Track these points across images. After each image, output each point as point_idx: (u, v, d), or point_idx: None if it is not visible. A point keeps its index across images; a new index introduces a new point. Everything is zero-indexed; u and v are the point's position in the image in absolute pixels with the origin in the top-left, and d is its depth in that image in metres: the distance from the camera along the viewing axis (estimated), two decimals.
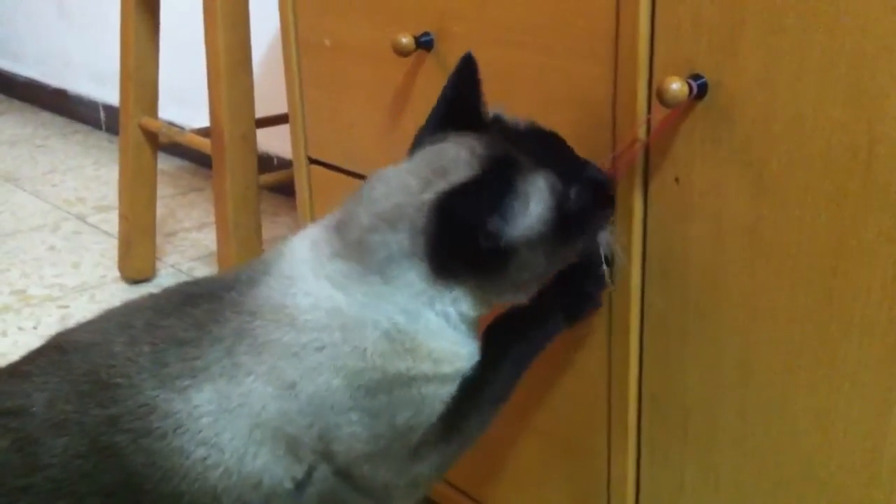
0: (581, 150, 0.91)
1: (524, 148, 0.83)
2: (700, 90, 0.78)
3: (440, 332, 0.83)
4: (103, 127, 3.40)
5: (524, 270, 0.83)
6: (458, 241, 0.79)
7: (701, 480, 0.90)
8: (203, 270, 2.16)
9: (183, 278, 2.12)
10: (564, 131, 0.92)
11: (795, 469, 0.81)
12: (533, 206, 0.81)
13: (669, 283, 0.86)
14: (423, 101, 1.08)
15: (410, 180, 0.83)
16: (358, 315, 0.81)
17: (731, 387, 0.84)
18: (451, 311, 0.83)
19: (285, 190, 2.26)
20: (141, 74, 1.97)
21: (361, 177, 1.21)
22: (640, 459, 0.95)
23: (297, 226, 2.26)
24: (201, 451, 0.78)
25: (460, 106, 0.88)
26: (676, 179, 0.83)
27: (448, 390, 0.84)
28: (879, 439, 0.74)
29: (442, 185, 0.80)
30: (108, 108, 3.32)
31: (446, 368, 0.83)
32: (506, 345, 0.88)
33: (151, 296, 0.88)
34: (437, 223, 0.79)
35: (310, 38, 1.24)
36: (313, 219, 1.35)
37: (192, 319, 0.82)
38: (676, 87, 0.76)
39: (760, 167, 0.76)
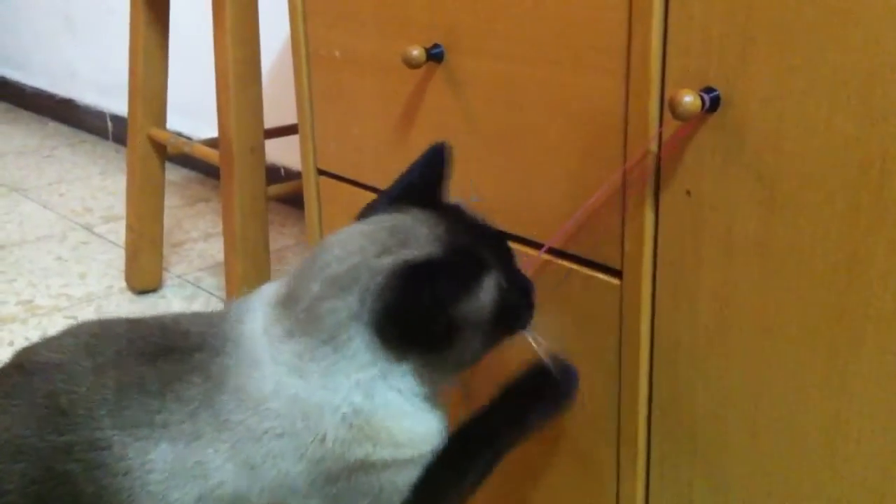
0: (592, 164, 0.91)
1: (480, 242, 0.85)
2: (712, 103, 0.78)
3: (398, 411, 0.81)
4: (111, 137, 3.40)
5: (465, 353, 0.84)
6: (413, 314, 0.78)
7: (710, 496, 0.89)
8: (209, 281, 2.16)
9: (190, 289, 2.12)
10: (575, 145, 0.92)
11: (805, 486, 0.81)
12: (483, 296, 0.82)
13: (680, 295, 0.86)
14: (433, 113, 1.09)
15: (367, 244, 0.82)
16: (317, 401, 0.79)
17: (741, 402, 0.84)
18: (403, 387, 0.81)
19: (293, 201, 2.27)
20: (149, 85, 1.97)
21: (370, 188, 1.22)
22: (649, 474, 0.95)
23: (304, 237, 2.26)
24: (147, 502, 0.77)
25: (420, 189, 0.90)
26: (688, 192, 0.83)
27: (408, 476, 0.83)
28: (890, 457, 0.74)
29: (403, 254, 0.80)
30: (116, 119, 3.33)
31: (407, 453, 0.82)
32: (472, 450, 0.87)
33: (130, 322, 0.86)
34: (397, 291, 0.78)
35: (320, 49, 1.25)
36: (322, 229, 1.35)
37: (159, 373, 0.80)
38: (689, 99, 0.76)
39: (772, 182, 0.76)
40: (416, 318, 0.78)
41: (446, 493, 0.86)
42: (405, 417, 0.82)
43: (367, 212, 0.90)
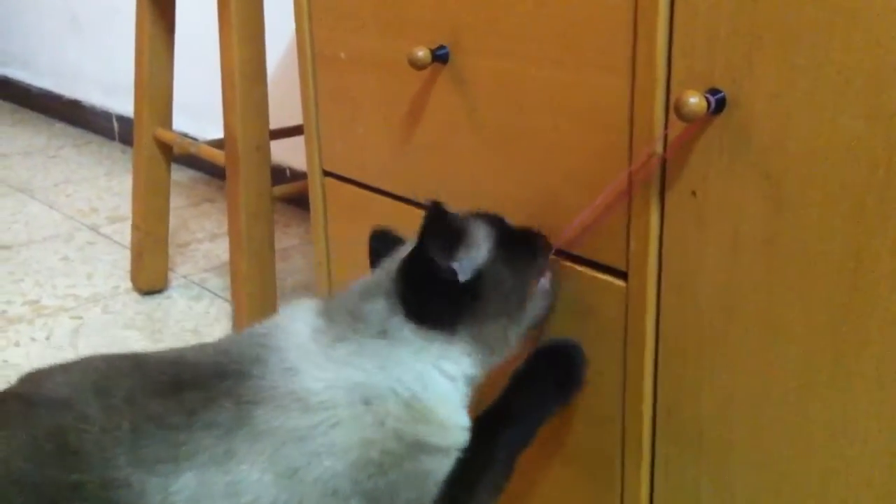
0: (597, 165, 0.91)
1: (464, 217, 0.93)
2: (718, 105, 0.77)
3: (448, 398, 0.86)
4: (117, 137, 3.41)
5: (495, 301, 0.88)
6: (422, 285, 0.85)
7: (715, 497, 0.89)
8: (215, 282, 2.17)
9: (195, 290, 2.13)
10: (579, 145, 0.92)
11: (811, 487, 0.81)
12: (481, 242, 0.89)
13: (685, 296, 0.86)
14: (438, 113, 1.09)
15: (380, 272, 0.91)
16: (379, 385, 0.83)
17: (746, 402, 0.84)
18: (457, 371, 0.86)
19: (298, 201, 2.27)
20: (155, 86, 1.97)
21: (375, 190, 1.22)
22: (654, 474, 0.95)
23: (309, 237, 2.26)
24: None
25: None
26: (693, 193, 0.82)
27: (448, 464, 0.85)
28: (895, 457, 0.74)
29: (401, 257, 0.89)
30: (122, 119, 3.34)
31: (450, 439, 0.85)
32: (496, 432, 0.89)
33: (135, 360, 0.85)
34: (402, 277, 0.86)
35: (325, 51, 1.25)
36: (327, 231, 1.35)
37: (180, 405, 0.79)
38: (695, 101, 0.76)
39: (777, 182, 0.76)
40: (426, 281, 0.85)
41: (477, 484, 0.86)
42: (451, 406, 0.86)
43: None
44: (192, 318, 1.99)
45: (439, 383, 0.85)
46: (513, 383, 0.93)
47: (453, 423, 0.86)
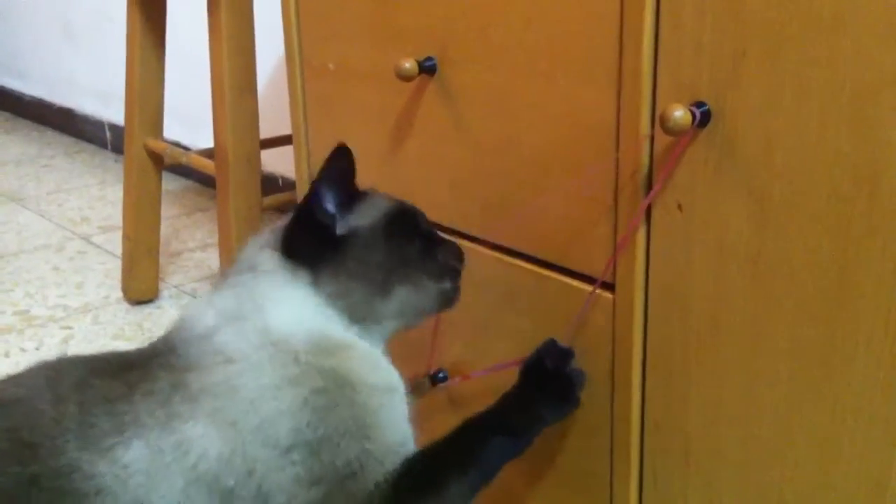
0: (583, 177, 0.91)
1: (384, 195, 0.96)
2: (703, 118, 0.77)
3: (346, 336, 0.88)
4: (109, 146, 3.41)
5: (366, 258, 0.90)
6: (302, 222, 0.90)
7: None
8: (206, 291, 2.16)
9: (186, 300, 2.12)
10: (567, 157, 0.92)
11: (799, 501, 0.81)
12: (374, 211, 0.92)
13: (672, 310, 0.86)
14: (426, 124, 1.09)
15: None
16: (280, 328, 0.85)
17: (734, 416, 0.84)
18: (335, 314, 0.88)
19: (289, 210, 2.27)
20: (146, 95, 1.97)
21: None
22: (642, 487, 0.94)
23: None
24: None
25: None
26: (679, 206, 0.82)
27: (388, 409, 0.85)
28: (884, 471, 0.74)
29: None
30: (114, 128, 3.33)
31: (377, 375, 0.87)
32: (486, 437, 0.88)
33: (85, 356, 0.88)
34: (293, 217, 0.91)
35: (314, 61, 1.25)
36: None
37: (122, 382, 0.81)
38: (679, 114, 0.76)
39: (763, 196, 0.76)
40: (305, 220, 0.90)
41: (448, 481, 0.84)
42: (357, 341, 0.88)
43: None
44: None
45: (327, 319, 0.88)
46: (513, 391, 0.93)
47: (369, 352, 0.88)
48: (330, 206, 0.89)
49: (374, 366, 0.88)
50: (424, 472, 0.84)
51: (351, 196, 0.91)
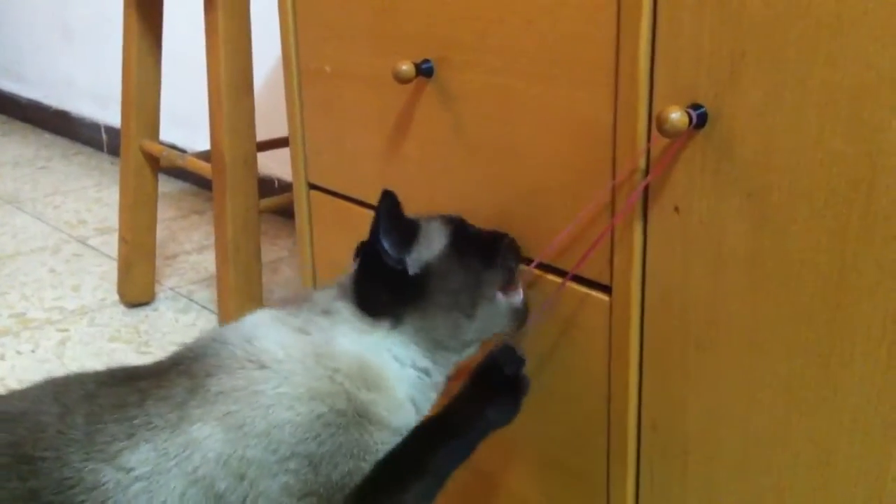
0: (581, 178, 0.91)
1: (429, 218, 0.95)
2: (700, 120, 0.77)
3: (399, 375, 0.88)
4: (105, 149, 3.40)
5: (443, 292, 0.90)
6: (370, 272, 0.90)
7: None
8: (202, 294, 2.16)
9: (182, 302, 2.12)
10: (564, 159, 0.92)
11: (796, 502, 0.80)
12: (435, 240, 0.92)
13: (669, 312, 0.86)
14: (424, 127, 1.09)
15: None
16: (331, 345, 0.86)
17: (731, 418, 0.83)
18: (404, 355, 0.89)
19: (286, 213, 2.27)
20: (142, 98, 1.97)
21: (361, 203, 1.21)
22: (639, 490, 0.94)
23: (297, 249, 2.26)
24: None
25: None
26: (676, 209, 0.82)
27: (390, 445, 0.85)
28: (881, 474, 0.74)
29: None
30: (111, 130, 3.33)
31: (401, 418, 0.87)
32: (435, 443, 0.87)
33: (96, 372, 0.87)
34: (357, 268, 0.91)
35: (311, 64, 1.25)
36: (313, 245, 1.35)
37: (133, 387, 0.81)
38: (676, 116, 0.75)
39: (761, 198, 0.76)
40: (376, 271, 0.89)
41: (405, 489, 0.84)
42: (406, 385, 0.89)
43: None
44: (179, 330, 1.98)
45: (388, 360, 0.88)
46: (466, 395, 0.90)
47: (405, 400, 0.88)
48: (394, 250, 0.89)
49: (405, 404, 0.88)
50: (383, 482, 0.84)
51: (409, 232, 0.91)
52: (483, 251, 0.93)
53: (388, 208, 0.89)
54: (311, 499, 0.80)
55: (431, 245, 0.91)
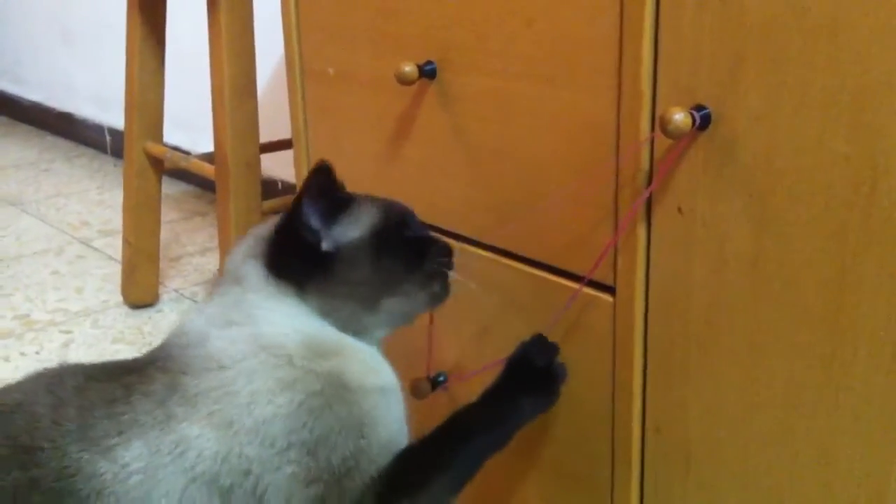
0: (584, 180, 0.91)
1: (369, 197, 0.95)
2: (703, 121, 0.78)
3: (342, 337, 0.89)
4: (108, 150, 3.41)
5: (353, 274, 0.89)
6: (285, 239, 0.89)
7: None
8: (206, 296, 2.16)
9: (186, 303, 2.12)
10: (567, 161, 0.92)
11: None
12: (361, 223, 0.91)
13: (672, 313, 0.86)
14: (426, 129, 1.09)
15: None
16: (268, 332, 0.86)
17: (734, 420, 0.84)
18: (319, 325, 0.88)
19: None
20: (146, 100, 1.97)
21: None
22: (643, 492, 0.94)
23: None
24: None
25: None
26: (679, 209, 0.83)
27: (384, 404, 0.86)
28: (883, 476, 0.74)
29: None
30: (114, 132, 3.33)
31: (372, 377, 0.87)
32: (467, 435, 0.88)
33: (85, 364, 0.89)
34: (276, 230, 0.90)
35: (314, 66, 1.25)
36: None
37: (122, 384, 0.83)
38: (679, 117, 0.76)
39: (763, 199, 0.76)
40: (291, 237, 0.88)
41: (433, 479, 0.85)
42: (350, 343, 0.89)
43: None
44: None
45: (321, 328, 0.88)
46: (492, 388, 0.93)
47: (359, 358, 0.88)
48: (314, 221, 0.89)
49: (368, 367, 0.88)
50: (411, 470, 0.85)
51: (336, 207, 0.90)
52: (412, 250, 0.93)
53: (319, 179, 0.88)
54: (317, 485, 0.81)
55: (354, 227, 0.90)
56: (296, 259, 0.89)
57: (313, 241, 0.88)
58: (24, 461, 0.77)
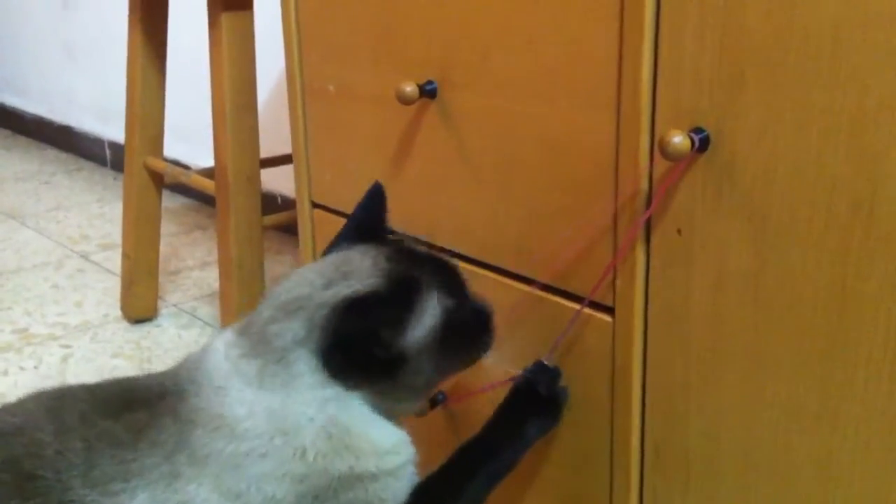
0: (583, 200, 0.91)
1: (423, 268, 0.87)
2: (702, 143, 0.78)
3: (370, 421, 0.84)
4: (108, 164, 3.41)
5: (416, 380, 0.86)
6: (352, 346, 0.81)
7: None
8: (205, 310, 2.16)
9: (185, 318, 2.12)
10: (567, 181, 0.92)
11: None
12: (426, 320, 0.84)
13: (671, 334, 0.86)
14: (427, 147, 1.09)
15: (314, 278, 0.86)
16: (292, 414, 0.81)
17: (734, 438, 0.84)
18: (358, 410, 0.84)
19: (290, 229, 2.27)
20: (147, 114, 1.98)
21: None
22: None
23: (299, 265, 2.26)
24: None
25: (368, 225, 0.94)
26: (678, 231, 0.83)
27: (395, 490, 0.84)
28: (884, 493, 0.74)
29: (344, 288, 0.83)
30: (114, 145, 3.34)
31: (389, 462, 0.84)
32: (475, 468, 0.88)
33: (89, 386, 0.86)
34: (336, 323, 0.81)
35: (314, 83, 1.25)
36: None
37: (127, 424, 0.80)
38: (678, 140, 0.76)
39: (762, 221, 0.76)
40: (356, 350, 0.81)
41: None
42: (377, 428, 0.84)
43: (326, 251, 0.94)
44: (181, 346, 1.98)
45: (351, 419, 0.83)
46: (502, 416, 0.94)
47: (387, 446, 0.85)
48: (387, 335, 0.82)
49: (386, 451, 0.85)
50: None
51: (405, 318, 0.83)
52: (469, 336, 0.89)
53: (404, 299, 0.83)
54: None
55: (419, 328, 0.84)
56: (356, 367, 0.82)
57: (383, 354, 0.82)
58: (27, 489, 0.76)
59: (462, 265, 1.06)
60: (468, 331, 0.89)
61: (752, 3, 0.73)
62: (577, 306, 0.94)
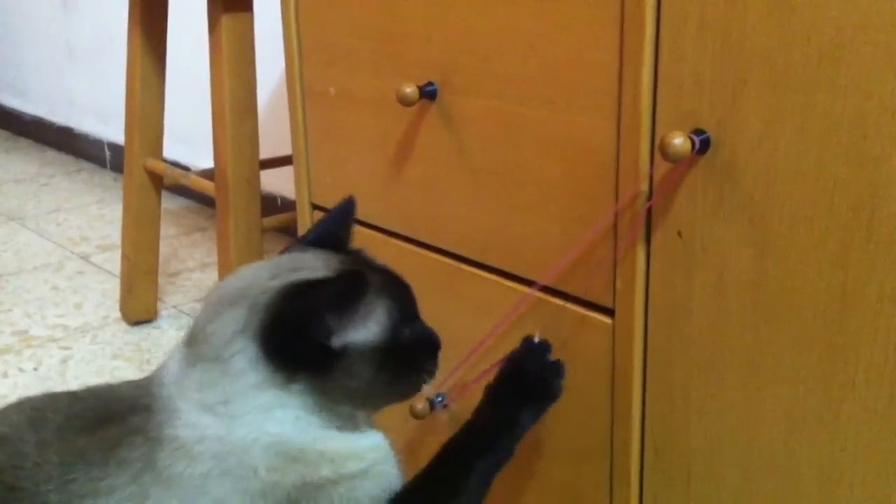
0: (584, 202, 0.91)
1: (375, 275, 0.84)
2: (702, 145, 0.78)
3: (319, 430, 0.81)
4: (108, 165, 3.41)
5: (352, 380, 0.81)
6: (293, 327, 0.78)
7: None
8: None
9: (185, 320, 2.12)
10: (567, 183, 0.93)
11: None
12: (371, 325, 0.81)
13: (672, 335, 0.86)
14: (427, 150, 1.09)
15: (262, 272, 0.84)
16: (237, 437, 0.79)
17: (734, 442, 0.84)
18: (303, 414, 0.81)
19: (289, 231, 2.27)
20: (146, 116, 1.98)
21: (365, 224, 1.22)
22: None
23: None
24: None
25: (330, 236, 0.91)
26: (679, 234, 0.83)
27: (369, 489, 0.82)
28: (885, 496, 0.74)
29: (292, 277, 0.81)
30: (114, 147, 3.34)
31: (351, 467, 0.81)
32: (470, 460, 0.86)
33: (72, 395, 0.85)
34: (279, 304, 0.79)
35: (315, 85, 1.25)
36: None
37: (99, 441, 0.79)
38: (679, 142, 0.76)
39: (763, 224, 0.76)
40: (297, 331, 0.78)
41: None
42: (326, 436, 0.82)
43: (281, 254, 0.92)
44: None
45: (298, 420, 0.81)
46: (484, 402, 0.91)
47: (337, 453, 0.82)
48: (332, 320, 0.79)
49: (344, 457, 0.82)
50: None
51: (351, 310, 0.81)
52: (413, 358, 0.85)
53: (348, 283, 0.81)
54: None
55: (365, 329, 0.81)
56: (296, 351, 0.79)
57: (323, 339, 0.79)
58: (7, 500, 0.76)
59: (463, 267, 1.06)
60: (412, 352, 0.85)
61: (753, 6, 0.73)
62: (577, 307, 0.94)
